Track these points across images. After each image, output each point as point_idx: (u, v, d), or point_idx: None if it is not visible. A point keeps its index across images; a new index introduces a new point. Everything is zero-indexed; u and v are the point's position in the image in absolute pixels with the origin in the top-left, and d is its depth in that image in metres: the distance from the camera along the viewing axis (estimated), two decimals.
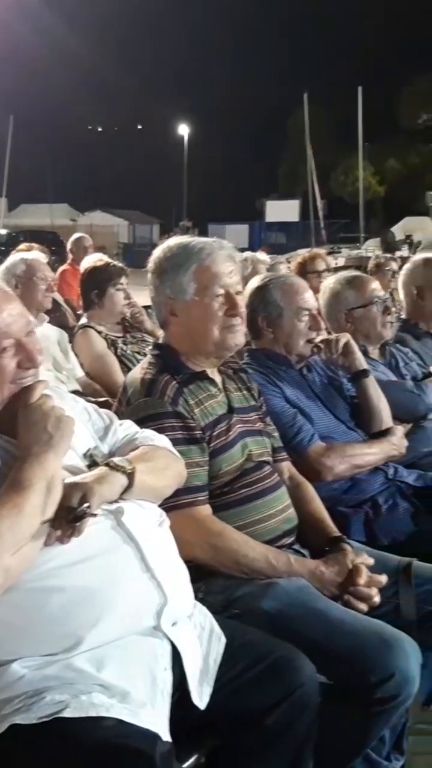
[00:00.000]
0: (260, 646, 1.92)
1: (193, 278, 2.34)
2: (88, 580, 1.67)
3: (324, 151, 50.03)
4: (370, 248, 32.41)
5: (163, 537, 1.89)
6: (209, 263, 2.34)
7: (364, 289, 3.49)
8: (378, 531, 2.73)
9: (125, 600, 1.69)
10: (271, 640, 1.95)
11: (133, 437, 2.00)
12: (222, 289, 2.34)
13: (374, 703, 1.99)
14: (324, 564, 2.23)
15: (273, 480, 2.39)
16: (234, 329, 2.36)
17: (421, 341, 3.91)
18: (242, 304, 2.41)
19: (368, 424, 2.99)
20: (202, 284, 2.34)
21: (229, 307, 2.35)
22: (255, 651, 1.89)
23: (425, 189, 48.98)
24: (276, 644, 1.93)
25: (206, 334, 2.35)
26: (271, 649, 1.91)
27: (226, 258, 2.37)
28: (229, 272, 2.37)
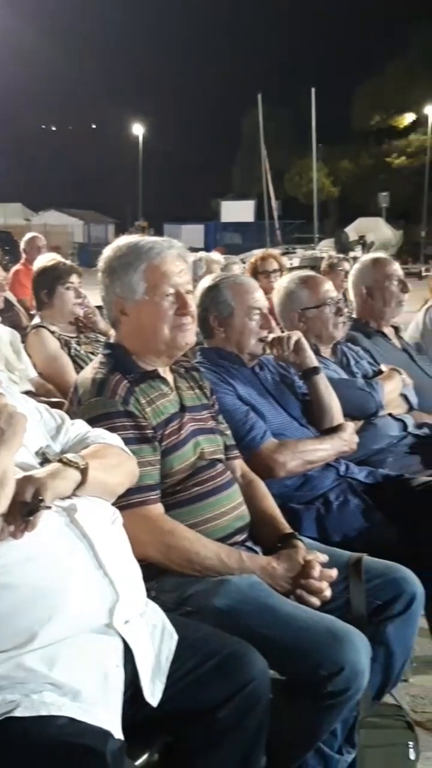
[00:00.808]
0: (212, 642, 1.93)
1: (143, 277, 2.34)
2: (39, 577, 1.67)
3: (278, 152, 50.34)
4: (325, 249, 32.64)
5: (115, 535, 1.89)
6: (159, 262, 2.35)
7: (317, 290, 3.52)
8: (329, 527, 2.76)
9: (77, 598, 1.69)
10: (223, 636, 1.96)
11: (85, 436, 2.00)
12: (172, 289, 2.35)
13: (325, 697, 2.02)
14: (276, 560, 2.25)
15: (225, 478, 2.41)
16: (184, 328, 2.37)
17: (371, 340, 3.96)
18: (192, 304, 2.41)
19: (319, 421, 3.02)
20: (152, 283, 2.34)
21: (179, 306, 2.36)
22: (207, 647, 1.91)
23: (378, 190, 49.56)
24: (227, 640, 1.95)
25: (156, 333, 2.35)
26: (222, 644, 1.92)
27: (175, 257, 2.38)
28: (179, 271, 2.37)
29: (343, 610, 2.30)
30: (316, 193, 46.19)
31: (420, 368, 4.03)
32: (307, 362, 3.03)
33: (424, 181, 50.14)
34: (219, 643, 1.93)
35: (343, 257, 8.54)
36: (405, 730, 2.45)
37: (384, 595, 2.37)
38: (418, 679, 3.16)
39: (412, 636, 2.43)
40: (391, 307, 4.03)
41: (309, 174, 49.71)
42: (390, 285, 4.00)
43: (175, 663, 1.85)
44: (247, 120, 56.69)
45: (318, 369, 3.04)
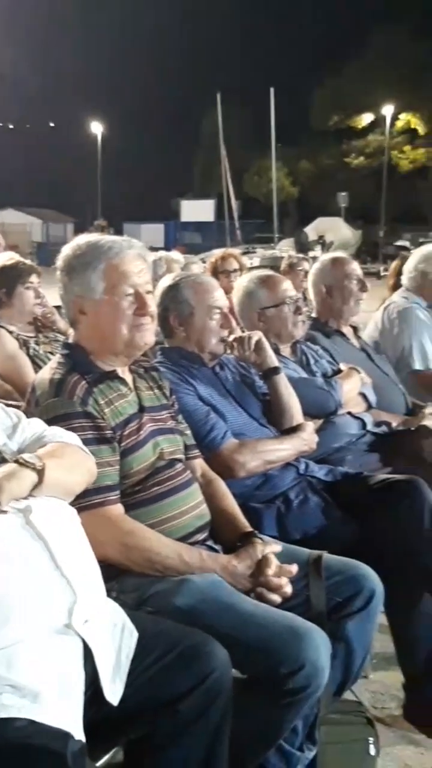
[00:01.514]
0: (172, 634, 1.94)
1: (102, 277, 2.33)
2: None
3: (238, 151, 50.42)
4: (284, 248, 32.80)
5: (72, 535, 1.88)
6: (118, 262, 2.34)
7: (276, 289, 3.53)
8: (289, 526, 2.78)
9: (34, 599, 1.68)
10: (183, 629, 1.97)
11: (42, 435, 1.99)
12: (131, 288, 2.34)
13: (285, 695, 2.03)
14: (235, 558, 2.26)
15: (185, 477, 2.41)
16: (143, 328, 2.36)
17: (330, 339, 3.98)
18: (152, 304, 2.40)
19: (279, 420, 3.03)
20: (110, 283, 2.33)
21: (138, 306, 2.35)
22: (167, 640, 1.91)
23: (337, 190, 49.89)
24: (188, 632, 1.96)
25: (115, 333, 2.34)
26: (182, 636, 1.93)
27: (135, 257, 2.37)
28: (139, 271, 2.37)
29: (304, 608, 2.32)
30: (275, 192, 46.34)
31: (378, 367, 4.07)
32: (267, 362, 3.04)
33: (383, 182, 50.61)
34: (179, 635, 1.94)
35: (303, 257, 8.59)
36: (365, 726, 2.48)
37: (344, 592, 2.39)
38: (377, 675, 3.19)
39: (371, 632, 2.46)
40: (350, 306, 4.06)
41: (268, 174, 49.86)
42: (349, 284, 4.02)
43: (136, 659, 1.85)
44: (207, 119, 56.70)
45: (278, 369, 3.06)
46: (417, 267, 4.63)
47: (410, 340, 4.45)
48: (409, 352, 4.43)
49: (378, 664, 3.19)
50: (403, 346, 4.47)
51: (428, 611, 2.81)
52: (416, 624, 2.81)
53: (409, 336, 4.46)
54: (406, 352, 4.44)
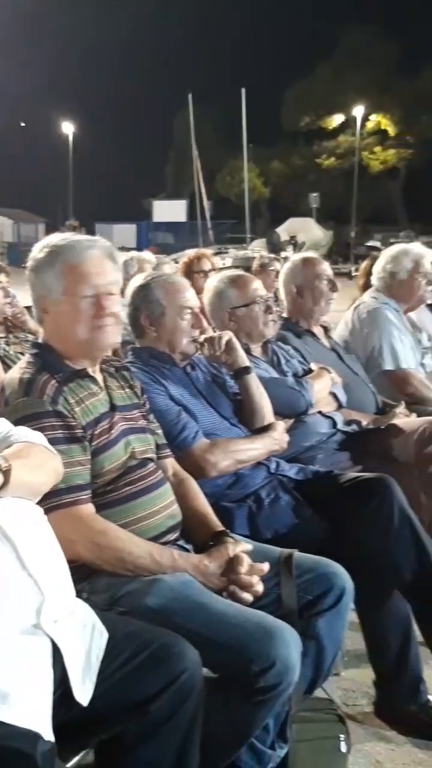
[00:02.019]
0: (143, 635, 1.94)
1: (61, 277, 2.32)
2: None
3: (210, 152, 50.47)
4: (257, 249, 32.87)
5: (40, 535, 1.87)
6: (77, 262, 2.32)
7: (246, 289, 3.54)
8: (261, 525, 2.79)
9: (1, 599, 1.67)
10: (154, 629, 1.97)
11: (8, 435, 1.98)
12: (91, 290, 2.32)
13: (257, 693, 2.04)
14: (207, 557, 2.27)
15: (156, 477, 2.41)
16: (104, 330, 2.34)
17: (301, 339, 4.00)
18: (113, 305, 2.36)
19: (250, 420, 3.04)
20: (69, 283, 2.31)
21: (96, 308, 2.32)
22: (138, 640, 1.91)
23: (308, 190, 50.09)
24: (158, 632, 1.96)
25: (74, 333, 2.33)
26: (153, 637, 1.93)
27: (97, 257, 2.35)
28: (100, 272, 2.34)
29: (275, 606, 2.33)
30: (247, 193, 46.45)
31: (348, 367, 4.09)
32: (238, 362, 3.05)
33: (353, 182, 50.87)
34: (150, 635, 1.93)
35: (274, 257, 8.62)
36: (336, 723, 2.49)
37: (314, 590, 2.40)
38: (349, 673, 3.21)
39: (342, 630, 2.47)
40: (321, 306, 4.08)
41: (240, 174, 49.94)
42: (319, 284, 4.04)
43: (106, 659, 1.85)
44: (179, 120, 56.69)
45: (249, 369, 3.07)
46: (385, 268, 4.65)
47: (380, 341, 4.47)
48: (379, 352, 4.45)
49: (349, 662, 3.21)
50: (373, 346, 4.48)
51: (398, 609, 2.84)
52: (386, 621, 2.83)
53: (378, 336, 4.48)
54: (376, 353, 4.46)
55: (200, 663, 1.94)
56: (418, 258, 4.60)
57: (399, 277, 4.61)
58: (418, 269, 4.59)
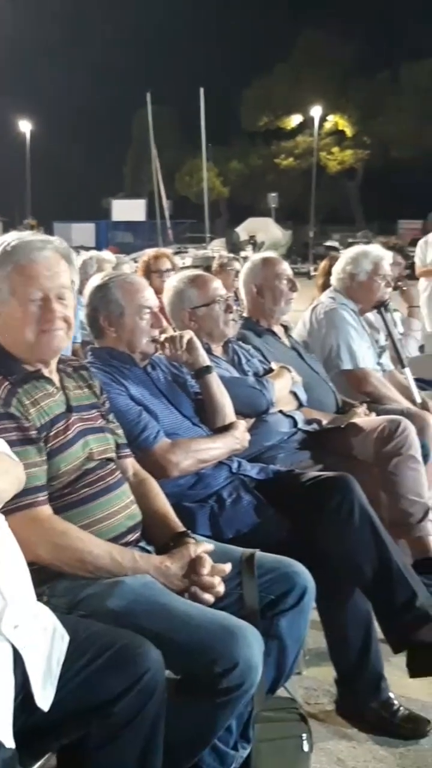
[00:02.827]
0: (104, 636, 1.92)
1: (9, 279, 2.27)
2: None
3: (168, 151, 50.39)
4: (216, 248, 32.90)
5: (0, 540, 1.85)
6: (26, 264, 2.27)
7: (206, 288, 3.54)
8: (222, 525, 2.78)
9: None
10: (115, 631, 1.96)
11: None
12: (40, 292, 2.28)
13: (220, 694, 2.03)
14: (169, 559, 2.25)
15: (115, 477, 2.39)
16: (52, 333, 2.29)
17: (262, 338, 4.01)
18: (62, 309, 2.31)
19: (212, 419, 3.04)
20: (16, 286, 2.27)
21: (44, 311, 2.28)
22: (99, 642, 1.90)
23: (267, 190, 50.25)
24: (120, 634, 1.94)
25: (21, 336, 2.28)
26: (115, 638, 1.92)
27: (48, 258, 2.30)
28: (51, 274, 2.29)
29: (237, 606, 2.33)
30: (206, 192, 46.42)
31: (308, 366, 4.11)
32: (199, 361, 3.05)
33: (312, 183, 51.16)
34: (112, 637, 1.92)
35: (234, 257, 8.64)
36: (298, 722, 2.49)
37: (276, 590, 2.41)
38: (311, 672, 3.22)
39: (304, 629, 2.48)
40: (280, 305, 4.10)
41: (199, 174, 49.93)
42: (279, 284, 4.06)
43: (67, 662, 1.84)
44: (137, 119, 56.50)
45: (210, 368, 3.06)
46: (345, 269, 4.68)
47: (337, 341, 4.49)
48: (336, 352, 4.48)
49: (311, 660, 3.22)
50: (331, 346, 4.51)
51: (359, 607, 2.85)
52: (347, 620, 2.85)
53: (336, 336, 4.51)
54: (333, 353, 4.49)
55: (163, 663, 1.93)
56: (378, 260, 4.63)
57: (358, 278, 4.64)
58: (378, 271, 4.63)
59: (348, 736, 2.87)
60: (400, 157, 55.83)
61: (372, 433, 3.50)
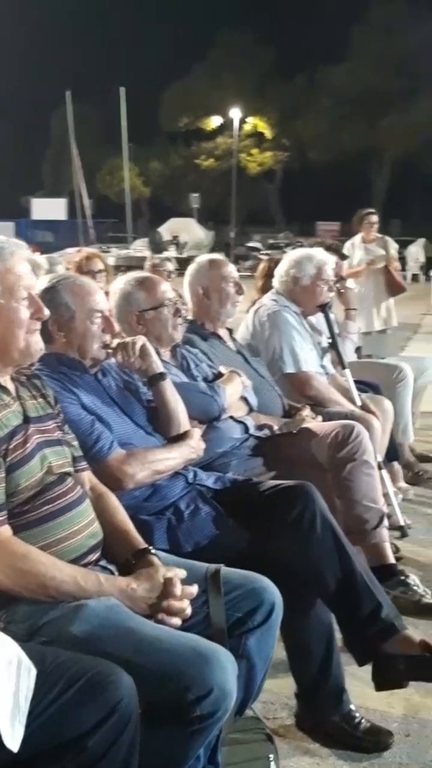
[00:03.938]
0: (74, 665, 1.79)
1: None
2: None
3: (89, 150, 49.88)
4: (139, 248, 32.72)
5: None
6: (12, 264, 2.16)
7: (154, 291, 3.41)
8: (181, 538, 2.67)
9: None
10: (85, 659, 1.83)
11: None
12: (26, 291, 2.17)
13: (193, 722, 1.92)
14: (135, 581, 2.13)
15: (76, 493, 2.25)
16: (37, 333, 2.21)
17: (208, 342, 3.91)
18: (44, 308, 2.24)
19: (166, 428, 2.92)
20: (6, 286, 2.15)
21: (35, 310, 2.19)
22: (69, 671, 1.77)
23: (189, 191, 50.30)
24: (91, 661, 1.82)
25: (13, 340, 2.17)
26: (85, 667, 1.79)
27: (25, 258, 2.21)
28: (28, 273, 2.20)
29: (203, 626, 2.23)
30: (128, 192, 46.16)
31: (254, 370, 4.04)
32: (153, 368, 2.92)
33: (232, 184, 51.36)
34: (81, 666, 1.79)
35: (165, 257, 8.56)
36: (265, 742, 2.43)
37: (243, 607, 2.31)
38: (267, 684, 3.07)
39: (272, 647, 2.39)
40: (227, 308, 4.02)
41: (120, 173, 49.62)
42: (226, 286, 3.98)
43: (36, 696, 1.70)
44: (57, 118, 55.72)
45: (164, 375, 2.94)
46: (289, 272, 4.64)
47: (280, 343, 4.45)
48: (279, 355, 4.44)
49: (267, 672, 3.12)
50: (274, 349, 4.46)
51: (321, 618, 2.77)
52: (309, 631, 2.76)
53: (279, 339, 4.46)
54: (276, 355, 4.45)
55: (135, 691, 1.81)
56: (322, 265, 4.60)
57: (302, 282, 4.60)
58: (321, 276, 4.60)
59: (310, 752, 2.79)
60: (318, 159, 56.64)
61: (325, 439, 3.44)
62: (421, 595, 3.57)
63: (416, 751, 2.78)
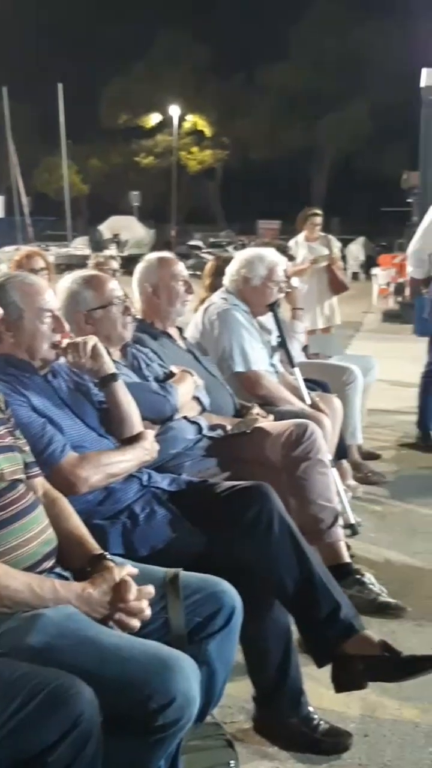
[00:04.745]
0: (34, 678, 1.73)
1: None
2: None
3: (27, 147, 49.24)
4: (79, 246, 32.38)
5: None
6: None
7: (102, 289, 3.34)
8: (136, 542, 2.62)
9: None
10: (45, 671, 1.77)
11: None
12: None
13: (155, 731, 1.86)
14: (90, 585, 2.06)
15: (29, 500, 2.17)
16: None
17: (158, 341, 3.85)
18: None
19: (119, 430, 2.85)
20: None
21: None
22: (29, 685, 1.70)
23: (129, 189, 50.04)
24: (50, 674, 1.75)
25: None
26: (46, 679, 1.72)
27: None
28: None
29: (163, 632, 2.17)
30: (67, 190, 45.72)
31: (205, 369, 3.99)
32: (104, 369, 2.85)
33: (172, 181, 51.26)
34: (41, 678, 1.73)
35: (110, 255, 8.47)
36: (225, 748, 2.37)
37: (203, 611, 2.26)
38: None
39: (232, 651, 2.35)
40: (176, 307, 3.96)
41: (58, 171, 49.13)
42: (175, 285, 3.92)
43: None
44: None
45: (116, 375, 2.87)
46: (239, 272, 4.60)
47: (230, 342, 4.42)
48: (229, 354, 4.41)
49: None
50: (224, 348, 4.43)
51: (279, 620, 2.73)
52: (267, 634, 2.72)
53: (228, 338, 4.43)
54: (226, 354, 4.42)
55: (97, 703, 1.76)
56: (273, 266, 4.58)
57: (252, 283, 4.58)
58: (272, 277, 4.58)
59: (269, 756, 2.76)
60: (258, 157, 56.87)
61: (279, 438, 3.41)
62: (377, 593, 3.57)
63: (374, 751, 2.77)
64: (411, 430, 6.85)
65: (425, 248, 6.64)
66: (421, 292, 6.95)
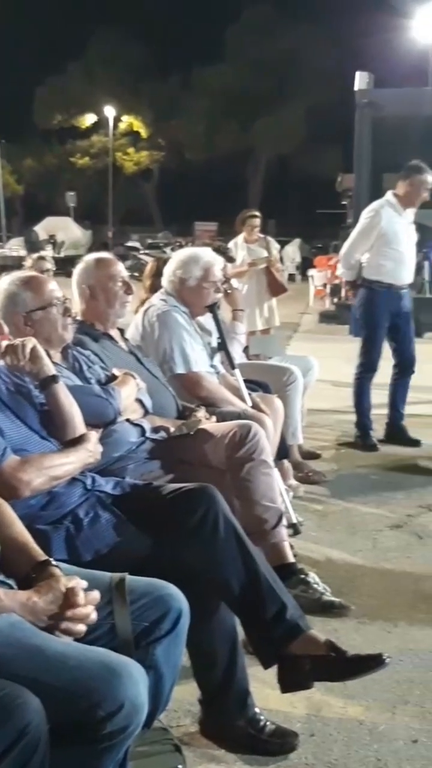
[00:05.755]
0: None
1: None
2: None
3: None
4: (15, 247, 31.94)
5: None
6: None
7: (41, 290, 3.28)
8: (80, 546, 2.57)
9: None
10: None
11: None
12: None
13: (103, 739, 1.83)
14: (36, 593, 2.01)
15: None
16: None
17: (99, 342, 3.80)
18: None
19: (61, 432, 2.80)
20: None
21: None
22: None
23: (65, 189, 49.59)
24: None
25: None
26: None
27: None
28: None
29: (109, 637, 2.14)
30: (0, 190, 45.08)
31: (147, 370, 3.96)
32: (44, 371, 2.80)
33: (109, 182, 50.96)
34: None
35: (41, 256, 8.39)
36: (173, 753, 2.38)
37: (150, 616, 2.23)
38: None
39: (180, 655, 2.32)
40: (115, 308, 3.91)
41: None
42: (114, 286, 3.87)
43: None
44: None
45: (57, 377, 2.82)
46: (176, 273, 4.58)
47: (170, 344, 4.41)
48: (170, 355, 4.40)
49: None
50: (165, 349, 4.42)
51: (225, 622, 2.73)
52: (213, 636, 2.70)
53: (169, 339, 4.42)
54: (167, 356, 4.40)
55: (44, 713, 1.72)
56: (208, 266, 4.56)
57: (188, 284, 4.56)
58: (207, 278, 4.56)
59: (216, 758, 2.74)
60: (194, 159, 56.98)
61: (223, 439, 3.40)
62: (321, 592, 3.59)
63: (321, 750, 2.78)
64: (349, 429, 6.93)
65: (354, 253, 6.77)
66: None
